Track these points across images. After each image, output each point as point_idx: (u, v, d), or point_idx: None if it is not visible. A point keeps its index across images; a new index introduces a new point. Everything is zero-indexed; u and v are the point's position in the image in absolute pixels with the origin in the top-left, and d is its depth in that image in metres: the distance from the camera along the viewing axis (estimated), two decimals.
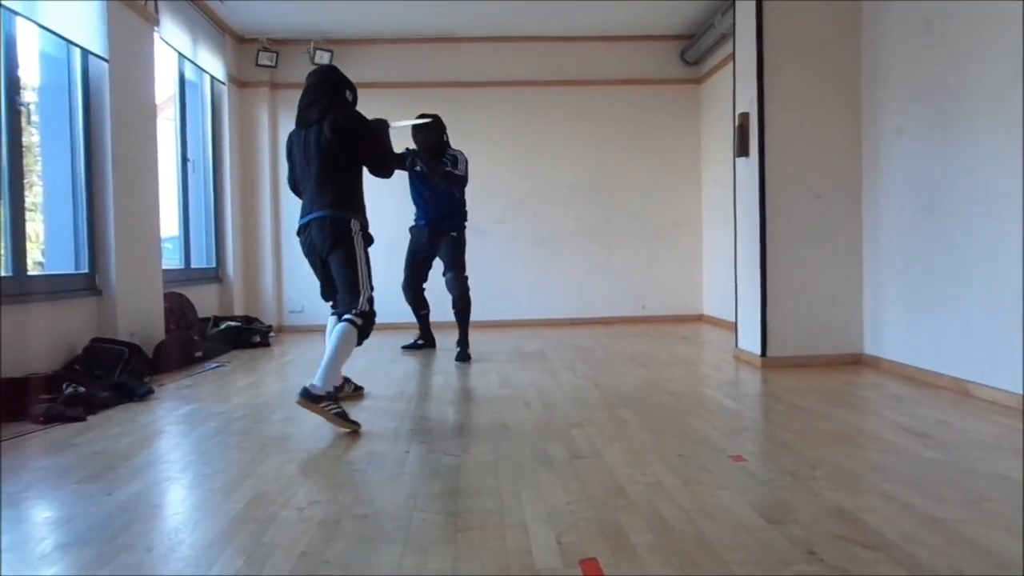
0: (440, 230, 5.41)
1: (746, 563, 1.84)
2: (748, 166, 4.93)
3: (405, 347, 5.85)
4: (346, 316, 3.45)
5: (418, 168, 5.33)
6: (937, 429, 3.13)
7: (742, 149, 4.96)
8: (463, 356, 5.27)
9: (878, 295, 4.63)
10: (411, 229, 5.60)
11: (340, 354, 3.40)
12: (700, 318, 7.85)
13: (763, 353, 4.76)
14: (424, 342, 5.85)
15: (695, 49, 7.46)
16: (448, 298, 5.43)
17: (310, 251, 3.63)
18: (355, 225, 3.55)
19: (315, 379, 3.30)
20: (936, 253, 4.05)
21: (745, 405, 3.84)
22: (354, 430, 3.28)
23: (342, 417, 3.28)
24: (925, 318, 4.15)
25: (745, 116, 4.91)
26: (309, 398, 3.25)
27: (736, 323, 5.22)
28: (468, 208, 5.52)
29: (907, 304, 4.33)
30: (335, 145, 3.54)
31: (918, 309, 4.22)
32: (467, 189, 5.45)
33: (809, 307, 4.78)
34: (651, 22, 7.36)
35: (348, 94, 3.71)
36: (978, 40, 3.69)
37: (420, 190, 5.43)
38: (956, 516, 2.12)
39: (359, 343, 3.49)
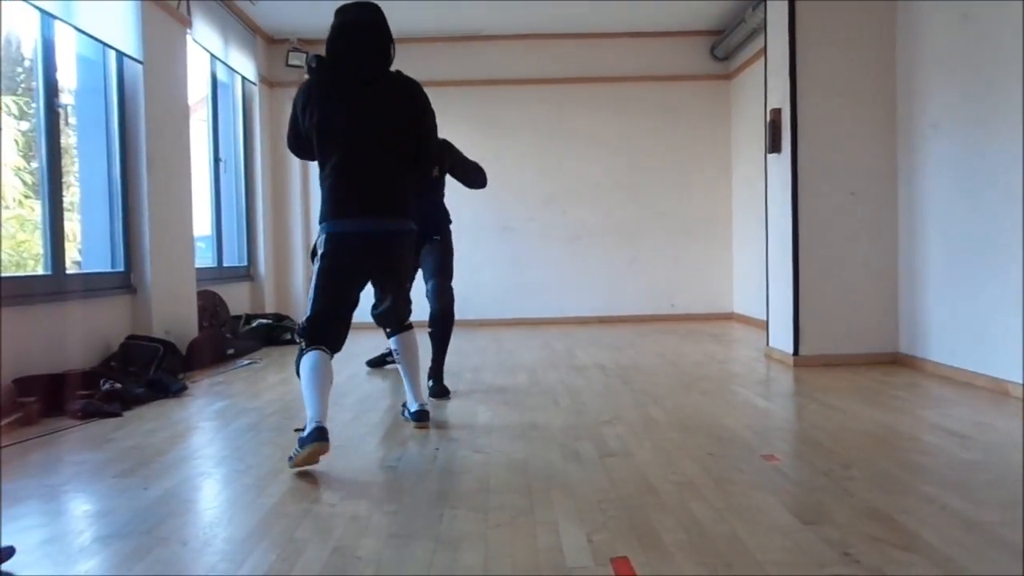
0: (422, 234, 4.18)
1: (781, 564, 1.82)
2: (780, 162, 4.87)
3: (370, 363, 5.04)
4: (408, 324, 3.34)
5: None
6: (975, 430, 3.07)
7: (774, 145, 4.90)
8: (440, 391, 4.03)
9: (913, 293, 4.55)
10: None
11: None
12: (730, 316, 7.77)
13: (795, 352, 4.70)
14: (392, 358, 4.86)
15: (725, 44, 7.39)
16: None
17: (353, 266, 2.89)
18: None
19: (419, 400, 3.31)
20: (972, 251, 3.97)
21: (777, 404, 3.80)
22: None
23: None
24: (962, 317, 4.07)
25: (777, 112, 4.85)
26: (428, 417, 3.32)
27: (767, 321, 5.16)
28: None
29: (943, 302, 4.25)
30: (421, 126, 2.86)
31: (954, 307, 4.14)
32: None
33: (843, 305, 4.71)
34: (680, 18, 7.31)
35: (392, 50, 2.86)
36: (1016, 35, 3.61)
37: None
38: (995, 518, 2.08)
39: None
